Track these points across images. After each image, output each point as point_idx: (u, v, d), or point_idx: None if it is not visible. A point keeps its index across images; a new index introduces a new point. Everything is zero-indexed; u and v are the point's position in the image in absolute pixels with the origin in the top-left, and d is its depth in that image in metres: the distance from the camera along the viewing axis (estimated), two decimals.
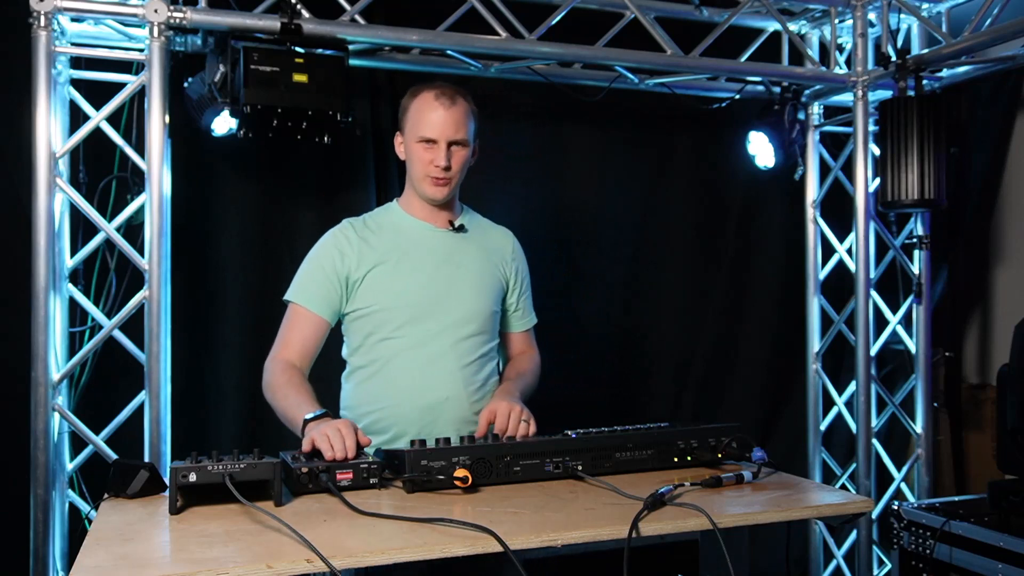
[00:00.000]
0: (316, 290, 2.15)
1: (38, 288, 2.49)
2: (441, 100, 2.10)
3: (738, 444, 1.85)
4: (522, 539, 1.37)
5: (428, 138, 2.10)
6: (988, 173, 3.74)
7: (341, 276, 2.14)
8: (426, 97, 2.12)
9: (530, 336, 2.38)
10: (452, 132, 2.09)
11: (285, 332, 2.16)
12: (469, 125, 2.14)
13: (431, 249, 2.19)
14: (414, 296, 2.13)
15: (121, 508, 1.61)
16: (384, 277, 2.15)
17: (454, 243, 2.21)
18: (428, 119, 2.10)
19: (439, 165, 2.10)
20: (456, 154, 2.13)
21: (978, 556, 2.56)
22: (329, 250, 2.17)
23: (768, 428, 3.77)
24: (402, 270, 2.15)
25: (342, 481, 1.63)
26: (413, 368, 2.12)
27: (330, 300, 2.15)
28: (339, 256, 2.15)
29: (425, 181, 2.14)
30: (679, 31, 3.14)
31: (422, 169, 2.13)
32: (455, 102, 2.11)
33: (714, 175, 3.67)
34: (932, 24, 3.15)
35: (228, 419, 2.99)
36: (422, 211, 2.22)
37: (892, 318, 3.57)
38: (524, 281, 2.34)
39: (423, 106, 2.12)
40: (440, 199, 2.17)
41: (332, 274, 2.14)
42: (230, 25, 2.61)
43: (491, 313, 2.21)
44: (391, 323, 2.13)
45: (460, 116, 2.11)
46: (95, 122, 2.59)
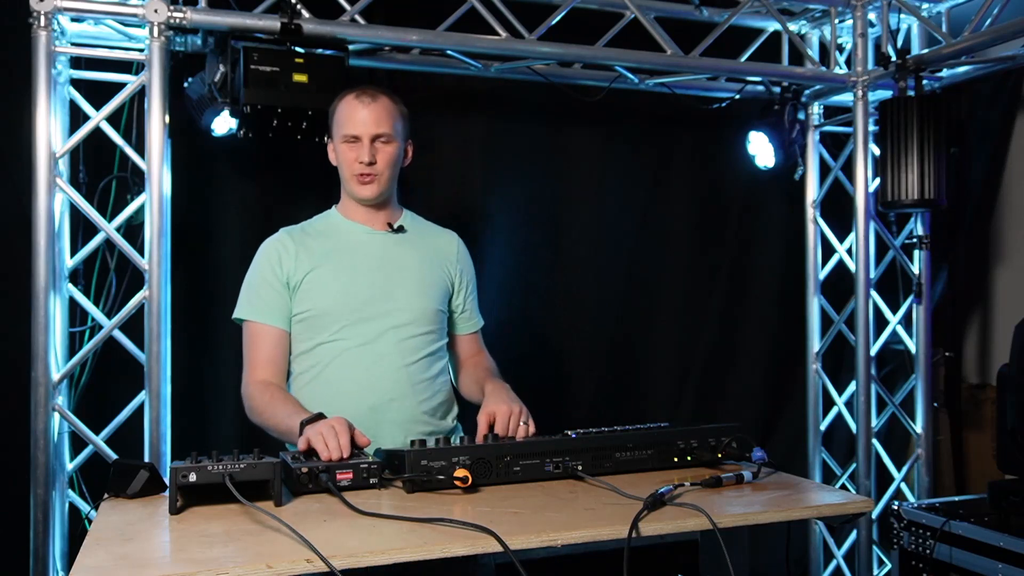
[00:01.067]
0: (264, 302, 2.12)
1: (38, 288, 2.49)
2: (362, 99, 2.11)
3: (738, 444, 1.85)
4: (522, 539, 1.37)
5: (350, 135, 2.10)
6: (988, 173, 3.74)
7: (282, 281, 2.12)
8: (348, 99, 2.13)
9: (479, 338, 2.35)
10: (374, 127, 2.09)
11: (249, 353, 2.13)
12: (395, 122, 2.12)
13: (369, 250, 2.16)
14: (353, 297, 2.10)
15: (121, 508, 1.60)
16: (321, 279, 2.12)
17: (393, 244, 2.19)
18: (350, 118, 2.10)
19: (362, 161, 2.09)
20: (381, 150, 2.11)
21: (978, 556, 2.56)
22: (268, 258, 2.15)
23: (768, 428, 3.77)
24: (340, 272, 2.13)
25: (342, 481, 1.63)
26: (355, 369, 2.08)
27: (280, 308, 2.12)
28: (277, 262, 2.13)
29: (352, 180, 2.13)
30: (679, 31, 3.14)
31: (348, 168, 2.13)
32: (376, 99, 2.11)
33: (714, 175, 3.67)
34: (932, 24, 3.15)
35: (228, 419, 2.99)
36: (359, 214, 2.20)
37: (892, 318, 3.57)
38: (470, 283, 2.31)
39: (345, 107, 2.12)
40: (370, 197, 2.14)
41: (274, 281, 2.12)
42: (230, 25, 2.61)
43: (435, 311, 2.17)
44: (331, 326, 2.10)
45: (382, 112, 2.10)
46: (95, 122, 2.59)
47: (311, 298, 2.11)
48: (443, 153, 3.28)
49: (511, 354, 3.34)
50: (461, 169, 3.32)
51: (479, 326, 2.34)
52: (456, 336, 2.31)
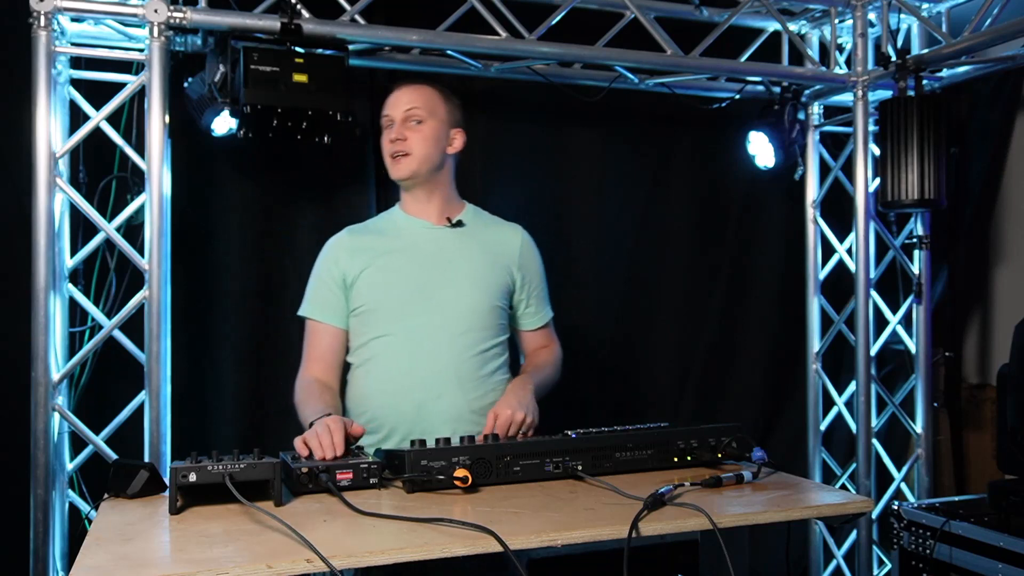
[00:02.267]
0: (320, 300, 2.20)
1: (38, 288, 2.49)
2: (400, 87, 2.19)
3: (738, 444, 1.85)
4: (522, 539, 1.37)
5: (385, 115, 2.17)
6: (988, 173, 3.74)
7: (338, 280, 2.18)
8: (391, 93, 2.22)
9: (548, 331, 2.39)
10: (405, 105, 2.14)
11: (305, 348, 2.22)
12: (433, 105, 2.17)
13: (425, 246, 2.19)
14: (404, 293, 2.13)
15: (121, 508, 1.61)
16: (375, 276, 2.16)
17: (450, 239, 2.21)
18: (388, 102, 2.19)
19: (391, 139, 2.13)
20: (415, 130, 2.15)
21: (978, 556, 2.56)
22: (325, 258, 2.24)
23: (768, 428, 3.77)
24: (393, 268, 2.16)
25: (342, 481, 1.63)
26: (404, 365, 2.11)
27: (336, 307, 2.19)
28: (334, 262, 2.20)
29: (388, 161, 2.19)
30: (679, 31, 3.14)
31: (385, 150, 2.19)
32: (416, 86, 2.18)
33: (714, 175, 3.67)
34: (932, 24, 3.15)
35: (228, 419, 2.99)
36: (416, 208, 2.23)
37: (892, 318, 3.57)
38: (535, 278, 2.33)
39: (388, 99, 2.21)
40: (402, 176, 2.18)
41: (330, 281, 2.19)
42: (230, 25, 2.61)
43: (491, 308, 2.19)
44: (383, 321, 2.13)
45: (417, 95, 2.15)
46: (95, 122, 2.59)
47: (364, 294, 2.16)
48: None
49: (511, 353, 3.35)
50: (461, 169, 3.30)
51: (544, 321, 2.36)
52: (520, 331, 2.34)
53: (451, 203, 2.26)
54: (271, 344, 3.03)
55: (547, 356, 2.32)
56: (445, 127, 2.19)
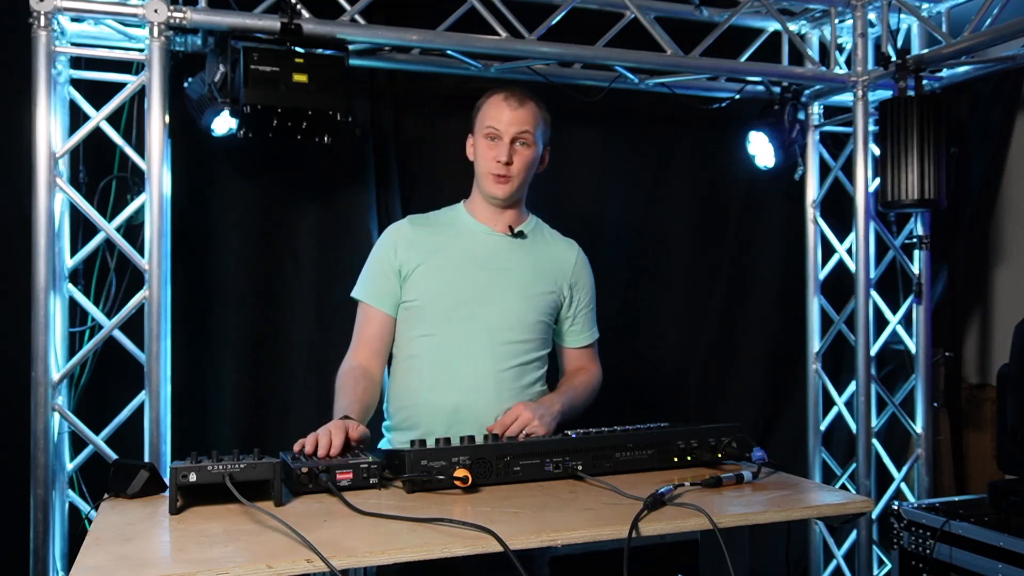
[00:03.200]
0: (376, 285, 2.21)
1: (38, 288, 2.49)
2: (509, 101, 2.16)
3: (738, 444, 1.85)
4: (522, 539, 1.37)
5: (492, 131, 2.15)
6: (988, 173, 3.74)
7: (396, 268, 2.19)
8: (496, 98, 2.19)
9: (591, 353, 2.36)
10: (516, 127, 2.13)
11: (356, 331, 2.24)
12: (537, 127, 2.17)
13: (481, 251, 2.20)
14: (454, 295, 2.14)
15: (121, 508, 1.60)
16: (428, 273, 2.17)
17: (508, 248, 2.22)
18: (494, 115, 2.16)
19: (500, 160, 2.13)
20: (519, 152, 2.15)
21: (978, 556, 2.56)
22: (385, 244, 2.24)
23: (768, 428, 3.77)
24: (447, 268, 2.17)
25: (342, 481, 1.63)
26: (445, 366, 2.13)
27: (390, 293, 2.20)
28: (393, 250, 2.21)
29: (488, 178, 2.18)
30: (679, 31, 3.14)
31: (485, 165, 2.18)
32: (523, 104, 2.16)
33: (714, 175, 3.67)
34: (932, 24, 3.15)
35: (228, 419, 2.99)
36: (484, 213, 2.24)
37: (892, 318, 3.57)
38: (585, 296, 2.31)
39: (492, 105, 2.18)
40: (501, 197, 2.18)
41: (387, 267, 2.20)
42: (230, 25, 2.61)
43: (536, 322, 2.19)
44: (430, 319, 2.15)
45: (526, 116, 2.15)
46: (95, 122, 2.59)
47: (416, 290, 2.17)
48: (443, 153, 3.28)
49: None
50: (461, 169, 3.30)
51: (588, 341, 2.34)
52: (563, 348, 2.33)
53: (519, 213, 2.28)
54: (271, 344, 3.03)
55: (585, 378, 2.30)
56: (541, 148, 2.22)
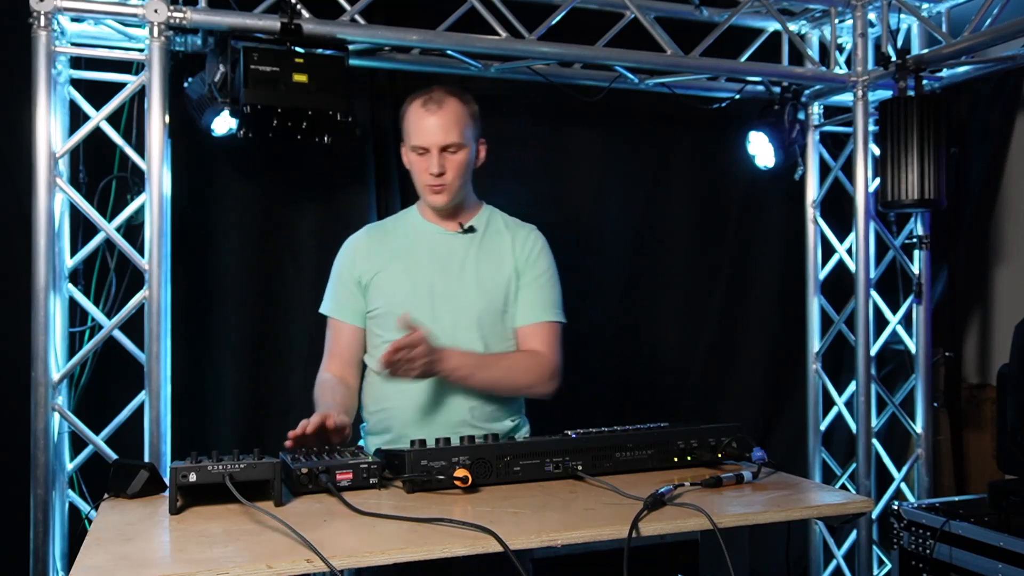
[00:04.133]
0: (340, 299, 2.24)
1: (38, 288, 2.49)
2: (428, 107, 2.10)
3: (738, 444, 1.85)
4: (522, 539, 1.37)
5: (419, 147, 2.12)
6: (988, 173, 3.74)
7: (356, 280, 2.21)
8: (415, 106, 2.13)
9: (541, 335, 2.22)
10: (442, 138, 2.09)
11: (327, 344, 2.27)
12: (464, 127, 2.12)
13: (436, 252, 2.20)
14: (413, 298, 2.15)
15: (121, 508, 1.60)
16: (388, 280, 2.19)
17: (461, 245, 2.21)
18: (418, 128, 2.11)
19: (432, 172, 2.10)
20: (450, 160, 2.11)
21: (978, 556, 2.56)
22: (343, 258, 2.27)
23: (768, 428, 3.77)
24: (404, 274, 2.18)
25: (342, 481, 1.63)
26: None
27: (352, 306, 2.22)
28: (351, 263, 2.23)
29: (425, 189, 2.17)
30: (679, 31, 3.14)
31: (420, 179, 2.17)
32: (443, 106, 2.09)
33: (714, 175, 3.67)
34: (932, 24, 3.15)
35: (228, 419, 2.99)
36: (433, 214, 2.24)
37: (892, 318, 3.56)
38: (532, 273, 2.24)
39: (412, 115, 2.13)
40: (442, 206, 2.17)
41: (349, 280, 2.22)
42: (230, 25, 2.61)
43: (498, 314, 2.19)
44: (395, 326, 2.13)
45: (449, 120, 2.09)
46: (95, 122, 2.59)
47: (378, 299, 2.18)
48: None
49: None
50: None
51: (536, 319, 2.21)
52: (515, 328, 2.24)
53: (468, 208, 2.26)
54: (271, 344, 3.03)
55: (522, 356, 2.18)
56: (474, 145, 2.19)
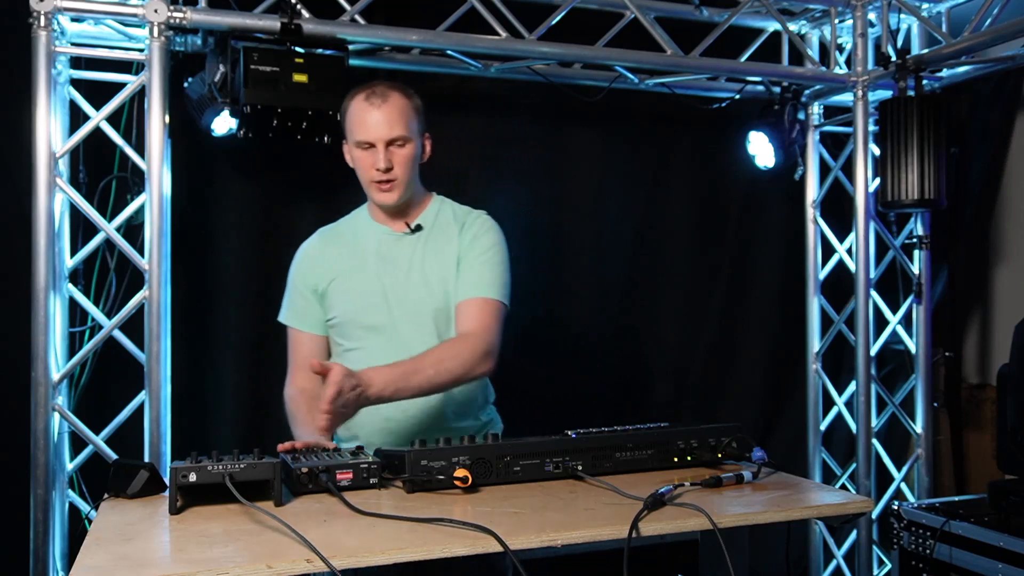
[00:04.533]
0: (296, 308, 2.20)
1: (38, 288, 2.49)
2: (372, 100, 2.04)
3: (738, 444, 1.84)
4: (522, 539, 1.37)
5: (364, 141, 2.05)
6: (988, 173, 3.74)
7: (310, 289, 2.17)
8: (358, 100, 2.07)
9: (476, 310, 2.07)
10: (387, 132, 2.03)
11: (289, 356, 2.22)
12: (408, 122, 2.06)
13: (385, 256, 2.14)
14: (370, 305, 2.10)
15: (121, 508, 1.60)
16: (342, 288, 2.14)
17: (409, 245, 2.15)
18: (362, 123, 2.05)
19: (379, 168, 2.04)
20: (397, 155, 2.05)
21: (978, 556, 2.56)
22: (296, 266, 2.22)
23: (768, 428, 3.77)
24: (357, 280, 2.13)
25: (342, 481, 1.63)
26: None
27: (311, 314, 2.18)
28: (305, 270, 2.19)
29: (371, 187, 2.10)
30: (679, 31, 3.14)
31: (366, 175, 2.09)
32: (387, 99, 2.03)
33: (714, 175, 3.67)
34: (932, 24, 3.15)
35: (228, 419, 2.99)
36: (381, 214, 2.18)
37: (892, 318, 3.57)
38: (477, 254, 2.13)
39: (356, 110, 2.07)
40: (390, 203, 2.11)
41: (304, 289, 2.18)
42: (230, 25, 2.61)
43: (446, 311, 2.11)
44: (353, 334, 2.12)
45: (394, 114, 2.03)
46: (95, 122, 2.59)
47: (335, 308, 2.15)
48: (443, 153, 3.27)
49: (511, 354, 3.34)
50: (461, 169, 3.31)
51: (473, 295, 2.09)
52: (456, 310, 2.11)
53: (416, 203, 2.18)
54: (271, 344, 3.02)
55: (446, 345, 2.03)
56: (420, 139, 2.13)
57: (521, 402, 3.30)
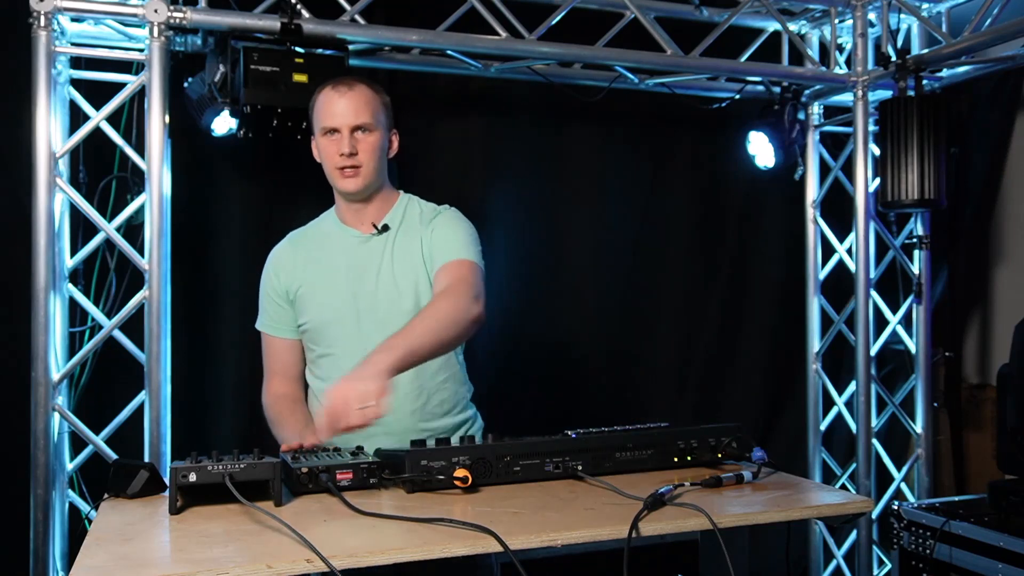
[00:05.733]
0: (269, 314, 2.19)
1: (38, 288, 2.49)
2: (338, 88, 2.05)
3: (738, 444, 1.84)
4: (522, 539, 1.37)
5: (329, 128, 2.04)
6: (988, 173, 3.74)
7: (281, 294, 2.16)
8: (325, 91, 2.07)
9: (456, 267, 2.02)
10: (352, 118, 2.02)
11: (265, 361, 2.22)
12: (376, 111, 2.05)
13: (353, 257, 2.12)
14: (340, 309, 2.09)
15: (121, 508, 1.60)
16: (312, 293, 2.13)
17: (378, 247, 2.12)
18: (328, 110, 2.05)
19: (343, 152, 2.02)
20: (363, 140, 2.04)
21: (978, 556, 2.56)
22: (267, 272, 2.21)
23: (768, 428, 3.77)
24: (326, 284, 2.11)
25: (342, 481, 1.63)
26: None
27: (284, 320, 2.17)
28: (275, 276, 2.17)
29: (336, 174, 2.08)
30: (679, 31, 3.14)
31: (331, 161, 2.07)
32: (353, 88, 2.04)
33: (714, 175, 3.67)
34: (932, 24, 3.15)
35: (228, 419, 2.99)
36: (348, 215, 2.15)
37: (892, 318, 3.57)
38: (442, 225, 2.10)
39: (323, 100, 2.07)
40: (354, 191, 2.07)
41: (274, 294, 2.17)
42: (230, 25, 2.62)
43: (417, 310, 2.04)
44: (325, 339, 2.11)
45: (360, 102, 2.03)
46: (95, 122, 2.59)
47: (306, 313, 2.13)
48: (443, 153, 3.28)
49: (511, 354, 3.35)
50: (461, 169, 3.32)
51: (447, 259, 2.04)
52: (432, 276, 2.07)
53: (385, 204, 2.15)
54: None
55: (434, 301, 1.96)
56: (387, 133, 2.11)
57: (520, 403, 3.32)
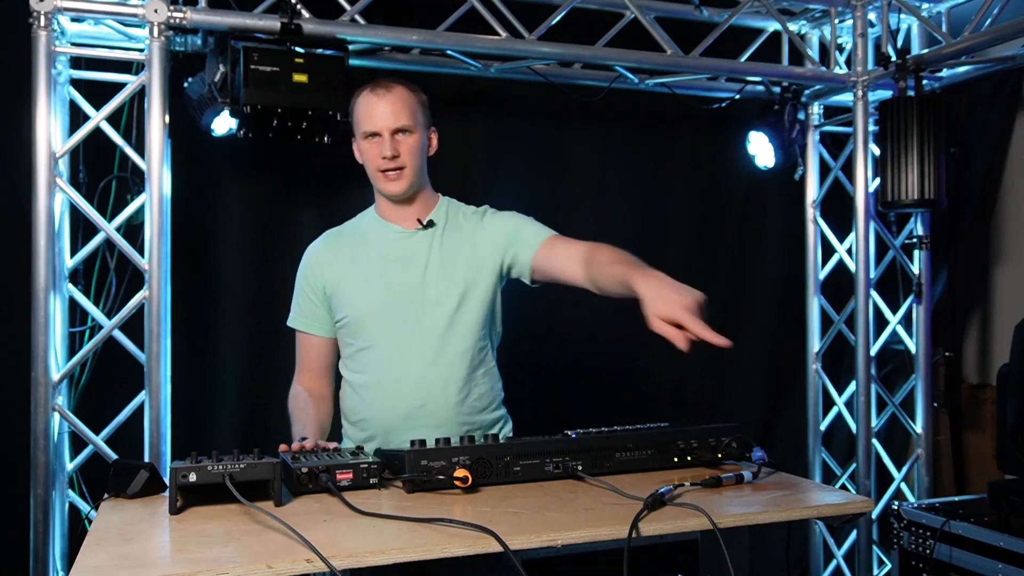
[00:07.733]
0: (304, 311, 2.21)
1: (38, 288, 2.49)
2: (377, 91, 2.08)
3: (738, 444, 1.84)
4: (522, 539, 1.37)
5: (370, 132, 2.08)
6: (988, 173, 3.74)
7: (318, 292, 2.18)
8: (364, 94, 2.11)
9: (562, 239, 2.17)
10: (393, 120, 2.05)
11: (297, 357, 2.26)
12: (414, 111, 2.09)
13: (396, 251, 2.14)
14: (381, 302, 2.11)
15: (121, 508, 1.60)
16: (352, 287, 2.14)
17: (422, 242, 2.15)
18: (368, 113, 2.08)
19: (385, 156, 2.06)
20: (404, 143, 2.07)
21: (978, 556, 2.56)
22: (304, 268, 2.23)
23: (768, 428, 3.77)
24: (368, 278, 2.13)
25: (342, 481, 1.63)
26: (386, 377, 2.09)
27: (318, 317, 2.19)
28: (311, 272, 2.19)
29: (379, 177, 2.11)
30: (679, 31, 3.15)
31: (373, 164, 2.10)
32: (391, 90, 2.07)
33: (714, 175, 3.67)
34: (932, 24, 3.15)
35: (228, 419, 2.99)
36: (391, 213, 2.18)
37: (892, 318, 3.57)
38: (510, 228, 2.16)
39: (362, 103, 2.10)
40: (399, 193, 2.11)
41: (310, 292, 2.19)
42: (230, 25, 2.62)
43: (466, 308, 2.11)
44: (365, 332, 2.12)
45: (399, 103, 2.06)
46: (95, 122, 2.59)
47: (345, 307, 2.14)
48: (443, 153, 3.26)
49: (511, 354, 3.35)
50: (461, 169, 3.32)
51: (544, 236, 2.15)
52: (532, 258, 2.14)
53: (425, 202, 2.19)
54: (271, 344, 3.03)
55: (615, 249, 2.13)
56: (426, 132, 2.14)
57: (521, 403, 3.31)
